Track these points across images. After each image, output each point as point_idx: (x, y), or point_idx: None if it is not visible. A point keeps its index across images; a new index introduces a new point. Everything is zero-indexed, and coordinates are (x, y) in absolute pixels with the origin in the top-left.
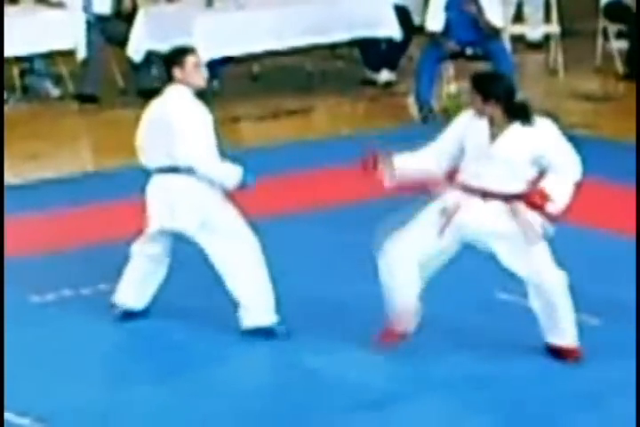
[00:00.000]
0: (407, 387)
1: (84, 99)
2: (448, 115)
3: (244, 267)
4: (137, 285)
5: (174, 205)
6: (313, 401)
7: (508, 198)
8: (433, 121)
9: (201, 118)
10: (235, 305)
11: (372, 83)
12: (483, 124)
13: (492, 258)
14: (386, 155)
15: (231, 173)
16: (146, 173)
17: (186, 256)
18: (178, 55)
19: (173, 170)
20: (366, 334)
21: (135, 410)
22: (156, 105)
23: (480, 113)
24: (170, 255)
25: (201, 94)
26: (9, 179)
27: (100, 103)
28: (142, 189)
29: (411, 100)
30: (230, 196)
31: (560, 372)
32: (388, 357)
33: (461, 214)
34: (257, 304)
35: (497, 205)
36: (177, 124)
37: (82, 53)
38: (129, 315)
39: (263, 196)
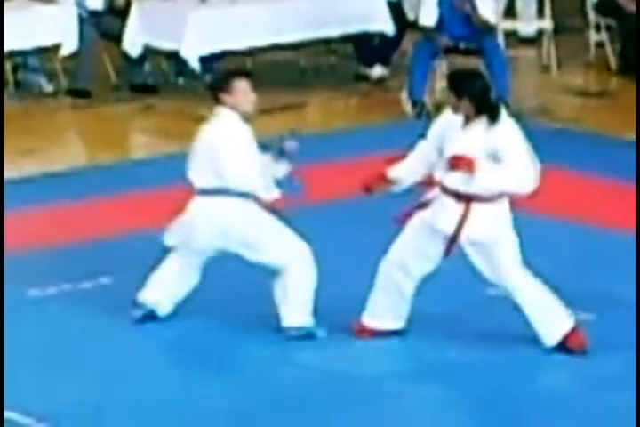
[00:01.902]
0: (401, 380)
1: (77, 94)
2: (441, 110)
3: (288, 275)
4: (169, 288)
5: (218, 227)
6: (306, 395)
7: (474, 200)
8: (426, 116)
9: (247, 139)
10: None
11: (366, 78)
12: (459, 122)
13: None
14: (382, 176)
15: (273, 190)
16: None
17: None
18: (226, 81)
19: (218, 191)
20: None
21: (133, 407)
22: (205, 129)
23: (455, 110)
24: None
25: (194, 90)
26: (5, 173)
27: (92, 98)
28: (136, 184)
29: (404, 96)
30: None
31: (554, 366)
32: (381, 351)
33: (435, 216)
34: (296, 306)
35: (460, 206)
36: (223, 144)
37: (67, 48)
38: (149, 317)
39: None
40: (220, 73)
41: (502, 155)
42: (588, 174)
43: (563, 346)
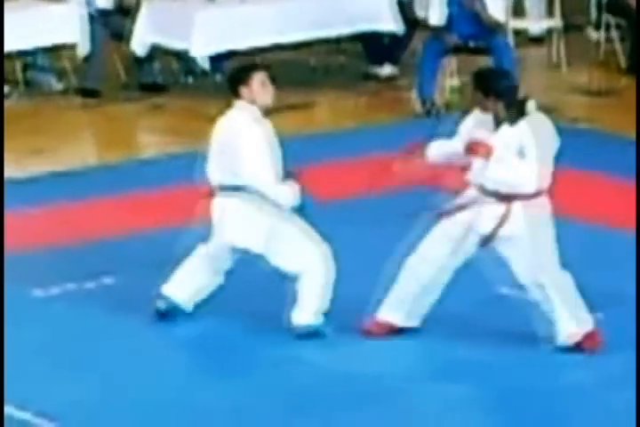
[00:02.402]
0: (412, 379)
1: (87, 93)
2: (450, 109)
3: (305, 277)
4: (193, 283)
5: (240, 224)
6: (315, 394)
7: (514, 199)
8: (436, 115)
9: (264, 137)
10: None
11: (375, 77)
12: (489, 121)
13: (496, 255)
14: (420, 147)
15: (289, 194)
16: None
17: None
18: (243, 74)
19: (236, 188)
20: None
21: (136, 407)
22: (222, 123)
23: (483, 110)
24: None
25: (203, 89)
26: (13, 173)
27: (102, 98)
28: (145, 183)
29: (413, 95)
30: None
31: (554, 367)
32: (391, 350)
33: (472, 217)
34: (307, 305)
35: (501, 207)
36: (240, 142)
37: (84, 48)
38: (170, 312)
39: None
40: (237, 66)
41: (525, 151)
42: (597, 173)
43: (578, 346)
